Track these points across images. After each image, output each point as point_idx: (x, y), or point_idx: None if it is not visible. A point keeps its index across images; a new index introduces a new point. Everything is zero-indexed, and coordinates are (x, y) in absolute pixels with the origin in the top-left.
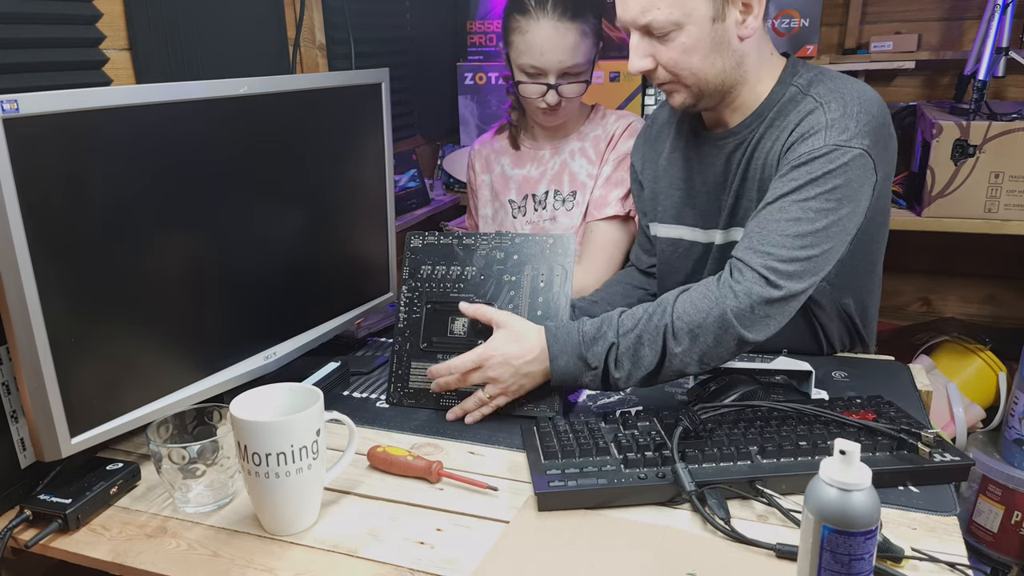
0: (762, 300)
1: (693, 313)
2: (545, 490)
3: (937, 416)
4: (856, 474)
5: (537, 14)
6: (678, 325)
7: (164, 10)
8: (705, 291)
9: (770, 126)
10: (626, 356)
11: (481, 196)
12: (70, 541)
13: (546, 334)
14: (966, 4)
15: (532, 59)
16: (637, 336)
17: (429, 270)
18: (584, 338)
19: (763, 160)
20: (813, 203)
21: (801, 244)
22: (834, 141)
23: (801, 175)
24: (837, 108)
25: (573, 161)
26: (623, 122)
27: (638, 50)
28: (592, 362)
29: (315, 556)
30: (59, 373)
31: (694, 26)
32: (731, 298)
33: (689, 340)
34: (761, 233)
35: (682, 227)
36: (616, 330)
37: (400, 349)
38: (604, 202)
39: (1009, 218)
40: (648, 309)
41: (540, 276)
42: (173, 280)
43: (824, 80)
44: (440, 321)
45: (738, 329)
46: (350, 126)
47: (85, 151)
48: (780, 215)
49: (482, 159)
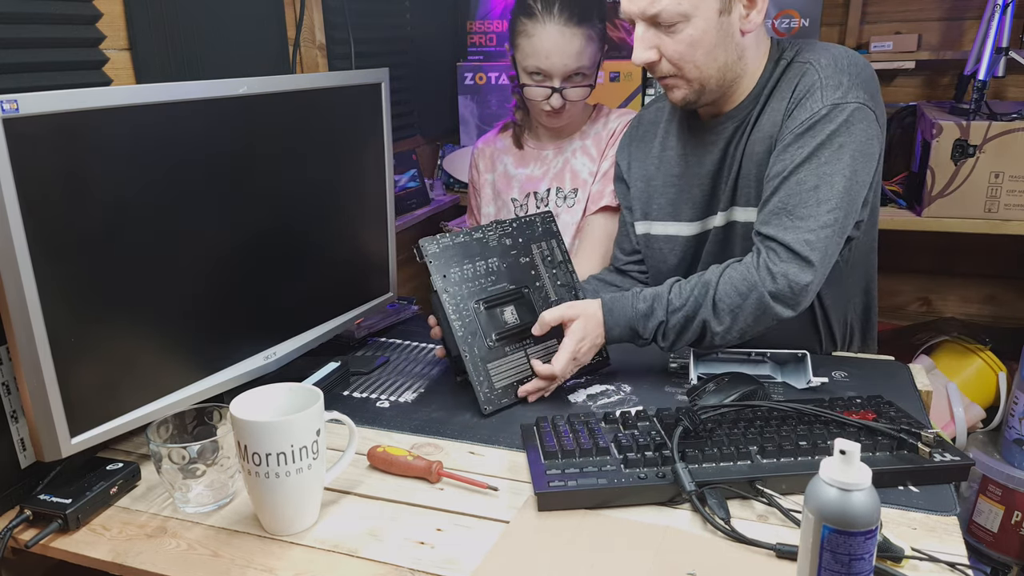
0: (799, 279)
1: (734, 295)
2: (545, 490)
3: (937, 416)
4: (856, 474)
5: (543, 18)
6: (720, 307)
7: (164, 10)
8: (745, 273)
9: (767, 102)
10: (673, 331)
11: (483, 195)
12: (70, 541)
13: (603, 308)
14: (966, 4)
15: (538, 62)
16: (684, 315)
17: (458, 272)
18: (637, 314)
19: (763, 134)
20: (827, 167)
21: (828, 208)
22: (831, 100)
23: (807, 142)
24: (828, 64)
25: (575, 159)
26: (624, 119)
27: (644, 41)
28: (644, 335)
29: (315, 556)
30: (59, 373)
31: (701, 19)
32: (769, 281)
33: (730, 320)
34: (787, 208)
35: (679, 223)
36: (666, 308)
37: (471, 357)
38: (600, 195)
39: (1009, 218)
40: (694, 289)
41: (544, 252)
42: (173, 280)
43: (810, 47)
44: (493, 316)
45: (776, 309)
46: (350, 126)
47: (85, 151)
48: (799, 187)
49: (485, 158)
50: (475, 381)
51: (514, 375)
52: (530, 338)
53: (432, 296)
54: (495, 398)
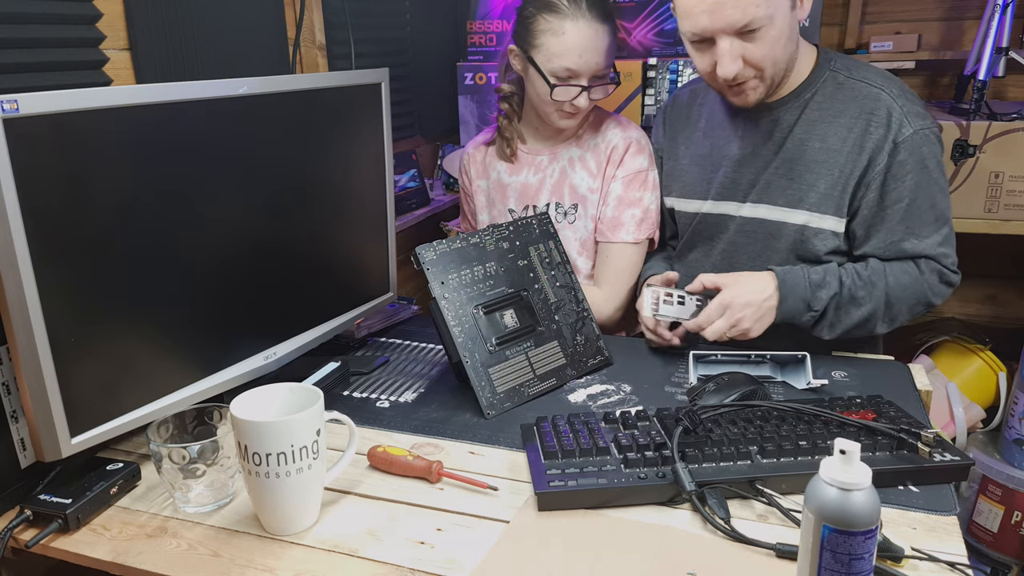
0: (949, 284)
1: (901, 291)
2: (545, 490)
3: (937, 416)
4: (856, 474)
5: (574, 14)
6: (890, 298)
7: (164, 10)
8: (917, 279)
9: (815, 109)
10: (841, 308)
11: (477, 202)
12: (70, 541)
13: (776, 276)
14: (966, 4)
15: (568, 61)
16: (852, 295)
17: (456, 277)
18: (811, 284)
19: (806, 139)
20: (932, 187)
21: (947, 217)
22: (917, 125)
23: (910, 165)
24: (895, 87)
25: (573, 172)
26: (625, 137)
27: (731, 53)
28: (815, 306)
29: (315, 556)
30: (59, 373)
31: (780, 16)
32: (936, 285)
33: (896, 311)
34: (922, 230)
35: (702, 201)
36: (839, 281)
37: (472, 363)
38: (618, 223)
39: (1009, 218)
40: (862, 274)
41: (542, 254)
42: (173, 280)
43: (857, 65)
44: (492, 320)
45: (931, 306)
46: (350, 126)
47: (85, 151)
48: (927, 206)
49: (477, 164)
50: (477, 386)
51: (516, 379)
52: (531, 340)
53: (431, 303)
54: (497, 403)
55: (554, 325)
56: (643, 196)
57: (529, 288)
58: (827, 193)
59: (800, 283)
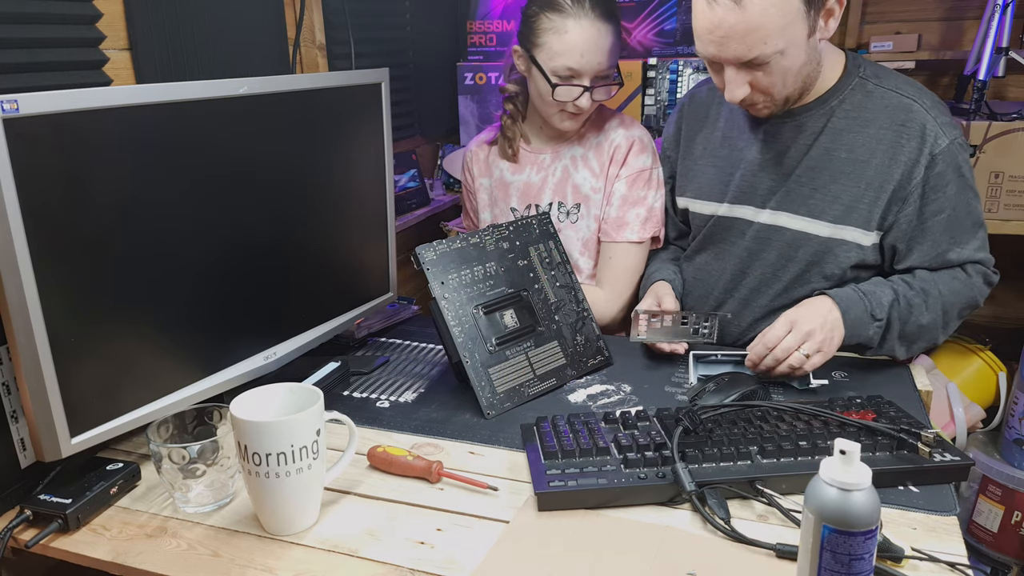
0: (991, 284)
1: (953, 296)
2: (545, 490)
3: (937, 416)
4: (856, 474)
5: (576, 13)
6: (945, 304)
7: (164, 10)
8: (966, 283)
9: (842, 117)
10: (903, 318)
11: (480, 200)
12: (70, 541)
13: (827, 294)
14: (966, 4)
15: (570, 61)
16: (908, 303)
17: (456, 278)
18: (864, 294)
19: (832, 148)
20: (968, 193)
21: (981, 221)
22: (951, 136)
23: (948, 176)
24: (927, 99)
25: (576, 171)
26: (628, 137)
27: (736, 81)
28: (878, 314)
29: (315, 556)
30: (59, 373)
31: (793, 47)
32: (982, 287)
33: (949, 317)
34: (964, 237)
35: (718, 203)
36: (892, 290)
37: (472, 363)
38: (622, 222)
39: (1009, 218)
40: (913, 285)
41: (542, 254)
42: (173, 279)
43: (887, 73)
44: (492, 321)
45: (977, 307)
46: (350, 126)
47: (85, 151)
48: (965, 213)
49: (480, 162)
50: (477, 386)
51: (516, 379)
52: (531, 341)
53: (431, 303)
54: (497, 403)
55: (554, 325)
56: (647, 195)
57: (529, 288)
58: (852, 205)
59: (852, 295)
